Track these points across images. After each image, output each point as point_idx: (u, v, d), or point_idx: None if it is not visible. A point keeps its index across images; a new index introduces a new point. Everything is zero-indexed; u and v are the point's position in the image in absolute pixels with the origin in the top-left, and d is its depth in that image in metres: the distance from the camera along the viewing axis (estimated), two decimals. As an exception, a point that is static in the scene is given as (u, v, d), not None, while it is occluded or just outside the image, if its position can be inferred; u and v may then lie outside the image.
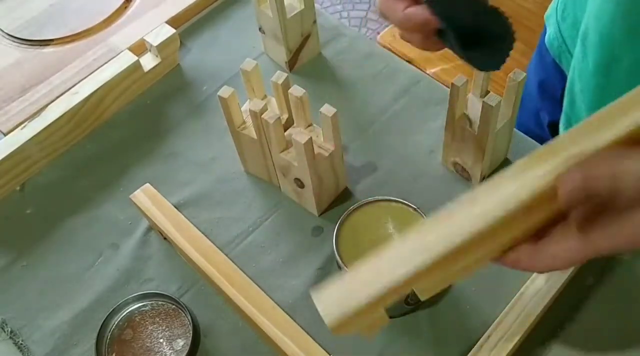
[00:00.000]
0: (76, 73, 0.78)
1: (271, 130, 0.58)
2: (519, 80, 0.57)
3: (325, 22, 0.82)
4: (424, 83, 0.77)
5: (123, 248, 0.67)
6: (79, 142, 0.75)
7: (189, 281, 0.64)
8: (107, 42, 0.80)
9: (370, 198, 0.60)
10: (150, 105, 0.78)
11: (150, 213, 0.64)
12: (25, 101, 0.75)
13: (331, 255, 0.63)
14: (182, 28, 0.84)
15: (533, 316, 0.55)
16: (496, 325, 0.55)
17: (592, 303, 0.59)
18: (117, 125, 0.76)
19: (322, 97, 0.66)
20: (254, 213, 0.68)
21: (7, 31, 0.83)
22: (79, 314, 0.63)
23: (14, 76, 0.78)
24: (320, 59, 0.80)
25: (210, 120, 0.76)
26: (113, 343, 0.60)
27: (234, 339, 0.61)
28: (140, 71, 0.76)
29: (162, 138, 0.75)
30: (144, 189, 0.66)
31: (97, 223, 0.69)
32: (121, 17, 0.83)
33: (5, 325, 0.63)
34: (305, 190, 0.64)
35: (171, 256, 0.66)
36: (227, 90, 0.60)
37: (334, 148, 0.60)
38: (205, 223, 0.67)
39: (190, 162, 0.73)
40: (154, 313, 0.62)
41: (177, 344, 0.60)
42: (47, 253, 0.68)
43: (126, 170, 0.72)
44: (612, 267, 0.61)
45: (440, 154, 0.69)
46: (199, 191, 0.70)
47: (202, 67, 0.81)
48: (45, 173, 0.73)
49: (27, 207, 0.71)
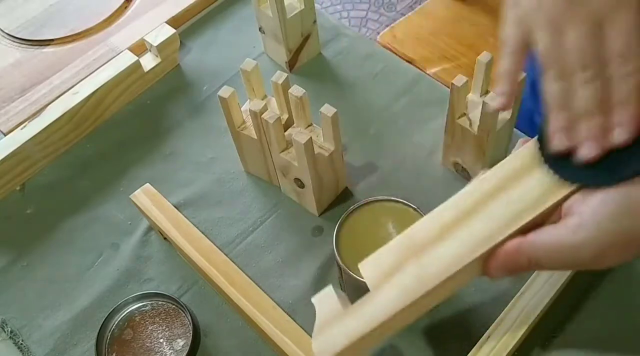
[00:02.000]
0: (76, 73, 0.78)
1: (271, 130, 0.58)
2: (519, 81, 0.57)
3: (325, 22, 0.82)
4: (424, 83, 0.77)
5: (123, 248, 0.67)
6: (79, 142, 0.75)
7: (189, 281, 0.64)
8: (107, 42, 0.81)
9: (370, 198, 0.60)
10: (150, 105, 0.78)
11: (150, 213, 0.64)
12: (25, 101, 0.75)
13: (331, 255, 0.63)
14: (182, 28, 0.84)
15: (533, 316, 0.55)
16: (496, 325, 0.55)
17: (592, 303, 0.59)
18: (117, 125, 0.76)
19: (322, 97, 0.66)
20: (254, 213, 0.68)
21: (7, 31, 0.83)
22: (79, 314, 0.63)
23: (14, 76, 0.78)
24: (320, 59, 0.80)
25: (210, 120, 0.76)
26: (113, 343, 0.60)
27: (234, 339, 0.61)
28: (140, 71, 0.76)
29: (162, 138, 0.75)
30: (144, 189, 0.66)
31: (97, 223, 0.69)
32: (121, 17, 0.83)
33: (5, 325, 0.63)
34: (305, 190, 0.64)
35: (171, 256, 0.66)
36: (227, 90, 0.60)
37: (334, 148, 0.60)
38: (205, 223, 0.67)
39: (190, 162, 0.73)
40: (154, 313, 0.62)
41: (177, 344, 0.60)
42: (47, 253, 0.68)
43: (126, 170, 0.72)
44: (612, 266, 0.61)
45: (440, 154, 0.69)
46: (199, 191, 0.70)
47: (202, 67, 0.81)
48: (45, 173, 0.73)
49: (27, 207, 0.71)
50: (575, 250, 0.38)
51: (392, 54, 0.82)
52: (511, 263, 0.40)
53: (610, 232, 0.38)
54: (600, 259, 0.39)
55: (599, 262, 0.39)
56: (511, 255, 0.40)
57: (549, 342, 0.57)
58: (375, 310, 0.39)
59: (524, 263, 0.39)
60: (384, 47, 1.15)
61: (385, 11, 2.03)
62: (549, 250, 0.39)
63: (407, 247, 0.40)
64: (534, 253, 0.39)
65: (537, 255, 0.39)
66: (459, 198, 0.41)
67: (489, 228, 0.39)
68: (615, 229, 0.38)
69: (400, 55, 1.13)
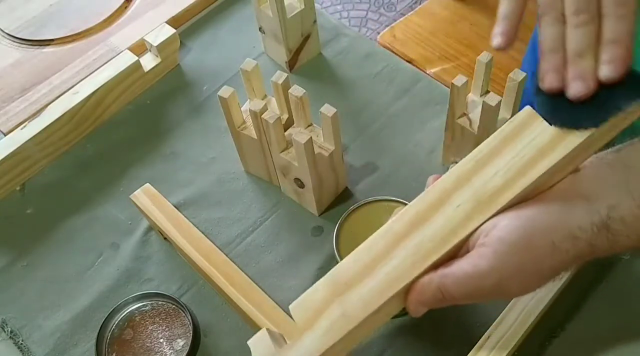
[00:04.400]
0: (76, 73, 0.78)
1: (271, 130, 0.58)
2: (519, 80, 0.57)
3: (325, 22, 0.82)
4: (424, 83, 0.77)
5: (123, 248, 0.67)
6: (79, 142, 0.75)
7: (189, 281, 0.64)
8: (107, 42, 0.80)
9: (370, 198, 0.60)
10: (150, 105, 0.78)
11: (151, 213, 0.64)
12: (25, 101, 0.75)
13: (331, 255, 0.63)
14: (182, 28, 0.84)
15: (533, 316, 0.55)
16: (496, 325, 0.55)
17: (592, 303, 0.59)
18: (117, 125, 0.76)
19: (322, 97, 0.66)
20: (254, 213, 0.68)
21: (7, 31, 0.83)
22: (79, 314, 0.63)
23: (14, 76, 0.78)
24: (320, 59, 0.80)
25: (210, 120, 0.76)
26: (113, 343, 0.60)
27: (234, 339, 0.61)
28: (140, 71, 0.76)
29: (162, 138, 0.75)
30: (144, 189, 0.66)
31: (97, 223, 0.69)
32: (121, 17, 0.83)
33: (5, 325, 0.63)
34: (305, 190, 0.64)
35: (171, 256, 0.66)
36: (227, 90, 0.60)
37: (334, 148, 0.60)
38: (205, 223, 0.67)
39: (190, 162, 0.73)
40: (154, 313, 0.62)
41: (177, 344, 0.60)
42: (47, 253, 0.68)
43: (126, 170, 0.72)
44: (612, 267, 0.61)
45: (440, 154, 0.69)
46: (199, 191, 0.70)
47: (202, 67, 0.81)
48: (45, 173, 0.73)
49: (27, 207, 0.71)
50: (478, 281, 0.40)
51: (392, 53, 0.82)
52: (425, 296, 0.41)
53: (509, 263, 0.39)
54: (503, 289, 0.40)
55: (503, 291, 0.41)
56: (424, 287, 0.41)
57: (549, 342, 0.57)
58: (306, 350, 0.40)
59: (437, 295, 0.41)
60: (384, 47, 1.15)
61: (385, 11, 2.03)
62: (455, 280, 0.40)
63: (332, 284, 0.43)
64: (444, 285, 0.41)
65: (446, 286, 0.41)
66: (372, 241, 0.43)
67: (405, 265, 0.42)
68: (514, 261, 0.39)
69: (400, 55, 1.13)
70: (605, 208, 0.39)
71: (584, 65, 0.40)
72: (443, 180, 0.43)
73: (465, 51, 1.17)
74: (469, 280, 0.40)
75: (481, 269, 0.40)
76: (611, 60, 0.39)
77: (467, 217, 0.41)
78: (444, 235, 0.41)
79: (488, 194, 0.42)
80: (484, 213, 0.41)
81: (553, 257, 0.39)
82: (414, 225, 0.42)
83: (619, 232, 0.39)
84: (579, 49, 0.40)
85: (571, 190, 0.41)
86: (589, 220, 0.39)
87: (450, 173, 0.43)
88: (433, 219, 0.42)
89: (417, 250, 0.41)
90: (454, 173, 0.43)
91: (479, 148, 0.43)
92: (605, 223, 0.39)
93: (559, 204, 0.41)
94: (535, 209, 0.40)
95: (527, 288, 0.41)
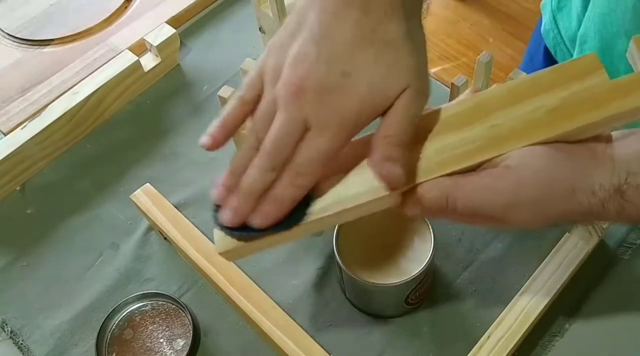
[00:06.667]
0: (76, 73, 0.78)
1: (271, 130, 0.58)
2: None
3: (325, 22, 0.82)
4: (424, 83, 0.77)
5: (123, 248, 0.67)
6: (79, 142, 0.75)
7: (189, 281, 0.64)
8: (107, 42, 0.81)
9: (370, 198, 0.60)
10: (150, 105, 0.78)
11: (151, 213, 0.64)
12: (25, 101, 0.75)
13: (331, 255, 0.63)
14: (182, 28, 0.84)
15: (533, 316, 0.55)
16: (496, 325, 0.55)
17: (592, 303, 0.59)
18: (117, 125, 0.76)
19: (322, 97, 0.66)
20: (254, 213, 0.68)
21: (7, 31, 0.83)
22: (79, 314, 0.63)
23: (14, 76, 0.78)
24: (320, 59, 0.80)
25: (210, 120, 0.75)
26: (113, 343, 0.60)
27: (234, 339, 0.61)
28: (140, 71, 0.76)
29: (162, 138, 0.75)
30: (144, 189, 0.66)
31: (97, 223, 0.69)
32: (121, 17, 0.83)
33: (5, 325, 0.63)
34: (305, 190, 0.64)
35: (171, 256, 0.66)
36: (227, 90, 0.60)
37: (334, 148, 0.60)
38: (205, 223, 0.67)
39: (190, 162, 0.73)
40: (154, 313, 0.62)
41: (177, 344, 0.60)
42: (47, 253, 0.68)
43: (126, 170, 0.72)
44: (612, 266, 0.61)
45: (440, 154, 0.69)
46: (199, 191, 0.70)
47: (202, 67, 0.81)
48: (45, 173, 0.73)
49: (27, 207, 0.71)
50: (492, 195, 0.40)
51: (392, 53, 0.82)
52: (427, 196, 0.41)
53: (526, 192, 0.40)
54: (507, 214, 0.41)
55: (505, 217, 0.41)
56: (431, 187, 0.41)
57: (549, 342, 0.57)
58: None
59: (440, 201, 0.41)
60: (384, 47, 1.15)
61: (385, 11, 2.02)
62: (468, 188, 0.41)
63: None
64: (453, 190, 0.41)
65: (454, 192, 0.41)
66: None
67: (430, 164, 0.42)
68: (532, 191, 0.40)
69: (400, 55, 1.13)
70: (625, 173, 0.40)
71: (243, 202, 0.42)
72: (486, 93, 0.44)
73: (465, 51, 1.18)
74: (484, 192, 0.40)
75: (499, 186, 0.40)
76: (264, 213, 0.42)
77: (498, 140, 0.42)
78: (471, 149, 0.42)
79: (526, 126, 0.42)
80: (515, 143, 0.41)
81: (568, 202, 0.40)
82: (447, 127, 0.43)
83: (631, 198, 0.40)
84: (249, 190, 0.42)
85: (600, 148, 0.42)
86: (609, 180, 0.40)
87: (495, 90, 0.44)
88: (466, 129, 0.43)
89: (442, 152, 0.42)
90: (501, 89, 0.44)
91: (539, 74, 0.44)
92: (621, 187, 0.40)
93: (589, 157, 0.41)
94: (567, 153, 0.41)
95: (528, 223, 0.42)
